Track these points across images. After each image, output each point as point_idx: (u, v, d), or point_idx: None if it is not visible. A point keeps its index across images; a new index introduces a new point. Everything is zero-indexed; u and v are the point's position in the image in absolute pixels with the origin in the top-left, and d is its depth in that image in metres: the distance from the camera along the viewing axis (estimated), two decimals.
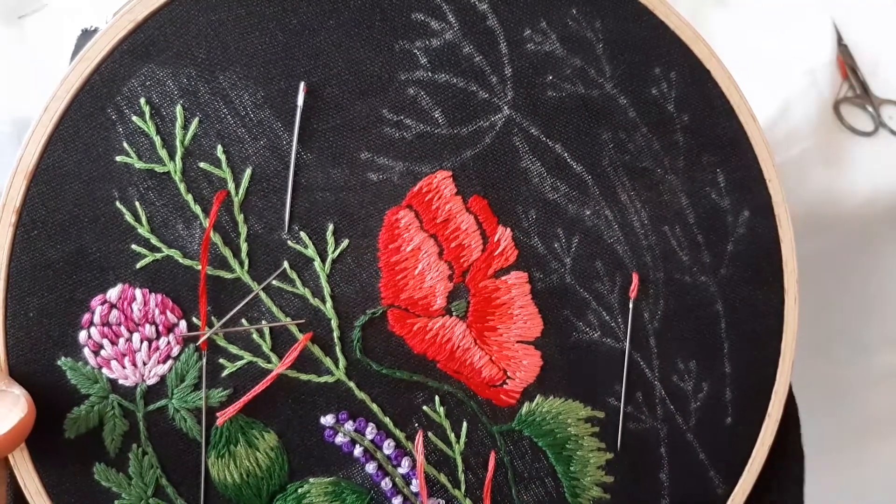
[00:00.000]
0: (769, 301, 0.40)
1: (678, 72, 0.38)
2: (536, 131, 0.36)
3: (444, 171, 0.35)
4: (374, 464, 0.35)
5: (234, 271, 0.34)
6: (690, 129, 0.38)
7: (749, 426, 0.40)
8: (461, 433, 0.36)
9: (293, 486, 0.35)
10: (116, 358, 0.33)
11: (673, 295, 0.38)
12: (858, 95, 0.62)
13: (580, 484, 0.37)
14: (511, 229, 0.36)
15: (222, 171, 0.33)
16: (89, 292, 0.33)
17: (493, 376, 0.36)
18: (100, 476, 0.33)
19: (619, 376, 0.38)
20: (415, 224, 0.35)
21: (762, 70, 0.58)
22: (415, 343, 0.35)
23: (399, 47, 0.35)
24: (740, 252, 0.39)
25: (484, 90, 0.36)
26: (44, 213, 0.32)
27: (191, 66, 0.33)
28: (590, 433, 0.37)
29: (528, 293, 0.36)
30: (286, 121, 0.34)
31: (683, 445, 0.39)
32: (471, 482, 0.36)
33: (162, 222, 0.33)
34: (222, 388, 0.34)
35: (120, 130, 0.33)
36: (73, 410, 0.33)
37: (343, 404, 0.35)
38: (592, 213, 0.37)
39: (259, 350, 0.34)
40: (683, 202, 0.38)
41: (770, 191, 0.39)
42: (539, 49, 0.36)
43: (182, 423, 0.34)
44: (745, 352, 0.39)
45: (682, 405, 0.39)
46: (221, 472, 0.34)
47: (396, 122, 0.35)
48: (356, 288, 0.35)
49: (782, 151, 0.58)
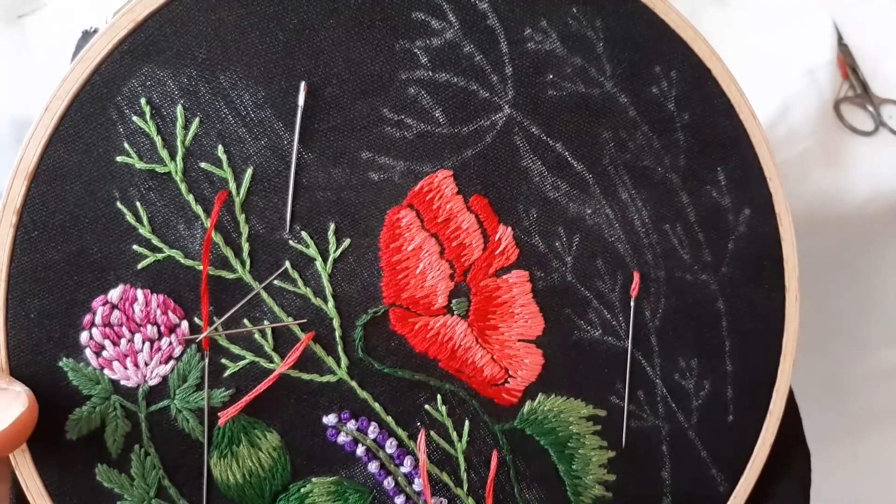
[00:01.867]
0: (770, 299, 0.40)
1: (679, 70, 0.38)
2: (537, 130, 0.36)
3: (445, 170, 0.35)
4: (376, 463, 0.35)
5: (236, 271, 0.34)
6: (691, 128, 0.38)
7: (751, 424, 0.40)
8: (463, 432, 0.36)
9: (296, 486, 0.35)
10: (118, 359, 0.33)
11: (674, 293, 0.38)
12: (859, 95, 0.62)
13: (582, 482, 0.37)
14: (512, 228, 0.36)
15: (223, 171, 0.33)
16: (90, 293, 0.33)
17: (495, 375, 0.36)
18: (102, 477, 0.33)
19: (620, 375, 0.38)
20: (416, 223, 0.35)
21: (762, 69, 0.58)
22: (416, 342, 0.35)
23: (399, 47, 0.35)
24: (741, 250, 0.39)
25: (484, 89, 0.36)
26: (44, 213, 0.32)
27: (191, 66, 0.33)
28: (591, 431, 0.37)
29: (530, 292, 0.36)
30: (287, 120, 0.34)
31: (685, 443, 0.39)
32: (473, 481, 0.36)
33: (163, 223, 0.33)
34: (224, 388, 0.34)
35: (120, 130, 0.33)
36: (74, 411, 0.33)
37: (345, 404, 0.35)
38: (593, 212, 0.37)
39: (261, 350, 0.34)
40: (684, 200, 0.38)
41: (771, 189, 0.39)
42: (539, 48, 0.36)
43: (184, 423, 0.34)
44: (747, 350, 0.39)
45: (683, 403, 0.39)
46: (224, 472, 0.34)
47: (397, 121, 0.35)
48: (358, 287, 0.35)
49: (783, 151, 0.58)
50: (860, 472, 0.70)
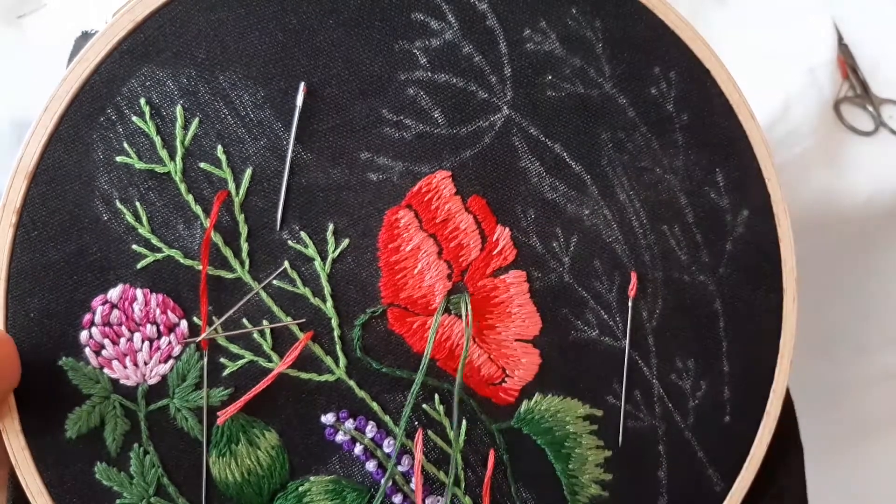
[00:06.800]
0: (768, 300, 0.40)
1: (678, 71, 0.38)
2: (536, 131, 0.36)
3: (443, 170, 0.35)
4: (374, 462, 0.36)
5: (235, 271, 0.34)
6: (690, 129, 0.38)
7: (747, 425, 0.40)
8: (461, 431, 0.36)
9: (294, 485, 0.35)
10: (118, 358, 0.33)
11: (671, 294, 0.38)
12: (859, 95, 0.62)
13: (579, 482, 0.37)
14: (510, 229, 0.36)
15: (223, 172, 0.34)
16: (90, 292, 0.33)
17: (492, 374, 0.36)
18: (101, 475, 0.33)
19: (617, 374, 0.38)
20: (414, 224, 0.35)
21: (762, 69, 0.58)
22: (414, 342, 0.36)
23: (399, 47, 0.35)
24: (739, 251, 0.39)
25: (483, 90, 0.36)
26: (44, 213, 0.33)
27: (191, 67, 0.33)
28: (588, 431, 0.38)
29: (527, 292, 0.36)
30: (286, 121, 0.34)
31: (682, 443, 0.39)
32: (470, 480, 0.36)
33: (162, 222, 0.33)
34: (223, 387, 0.34)
35: (120, 131, 0.33)
36: (74, 410, 0.33)
37: (343, 403, 0.35)
38: (591, 213, 0.37)
39: (260, 349, 0.34)
40: (682, 201, 0.38)
41: (769, 190, 0.39)
42: (538, 49, 0.36)
43: (183, 422, 0.34)
44: (744, 351, 0.39)
45: (680, 403, 0.39)
46: (223, 470, 0.34)
47: (396, 122, 0.35)
48: (356, 287, 0.35)
49: (782, 151, 0.58)
50: (859, 474, 0.70)
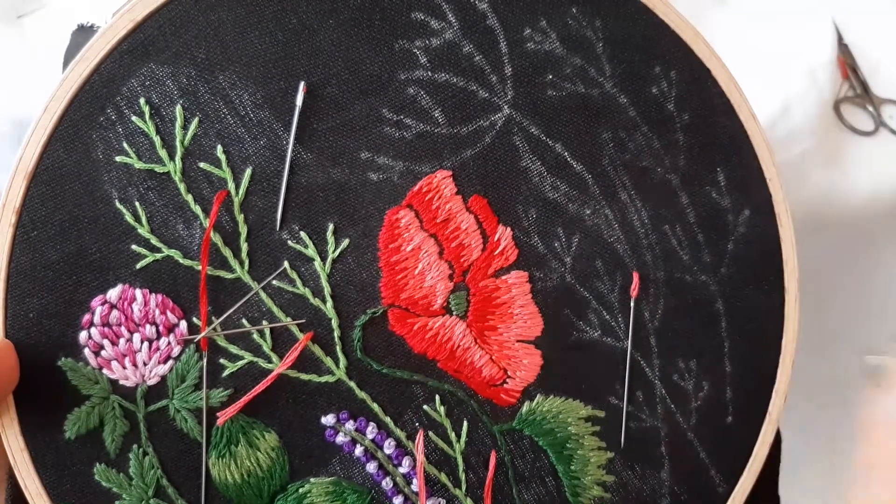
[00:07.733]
0: (770, 300, 0.40)
1: (678, 71, 0.38)
2: (536, 130, 0.36)
3: (444, 170, 0.35)
4: (374, 463, 0.35)
5: (235, 271, 0.34)
6: (691, 128, 0.38)
7: (749, 425, 0.40)
8: (462, 432, 0.36)
9: (294, 486, 0.35)
10: (117, 358, 0.33)
11: (673, 294, 0.38)
12: (859, 95, 0.62)
13: (581, 483, 0.37)
14: (511, 229, 0.36)
15: (222, 171, 0.33)
16: (89, 293, 0.33)
17: (494, 375, 0.36)
18: (100, 476, 0.33)
19: (619, 375, 0.38)
20: (415, 224, 0.35)
21: (762, 70, 0.58)
22: (415, 342, 0.35)
23: (399, 47, 0.35)
24: (741, 251, 0.39)
25: (484, 89, 0.36)
26: (43, 213, 0.32)
27: (190, 66, 0.33)
28: (590, 432, 0.37)
29: (529, 292, 0.36)
30: (286, 121, 0.34)
31: (684, 444, 0.39)
32: (472, 481, 0.36)
33: (162, 222, 0.33)
34: (223, 388, 0.34)
35: (120, 130, 0.33)
36: (73, 411, 0.33)
37: (344, 404, 0.35)
38: (592, 213, 0.37)
39: (259, 350, 0.34)
40: (684, 201, 0.38)
41: (770, 189, 0.39)
42: (539, 48, 0.36)
43: (183, 423, 0.34)
44: (746, 351, 0.39)
45: (682, 404, 0.39)
46: (222, 472, 0.34)
47: (396, 121, 0.35)
48: (356, 287, 0.35)
49: (783, 151, 0.58)
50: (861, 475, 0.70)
